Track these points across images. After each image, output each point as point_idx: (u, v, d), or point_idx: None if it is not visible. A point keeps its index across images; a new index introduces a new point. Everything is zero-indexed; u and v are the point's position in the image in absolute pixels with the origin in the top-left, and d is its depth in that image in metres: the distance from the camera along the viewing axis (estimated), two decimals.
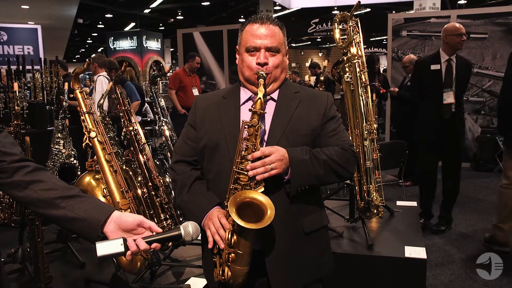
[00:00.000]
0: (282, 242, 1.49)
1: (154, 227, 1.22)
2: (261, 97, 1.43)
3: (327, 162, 1.47)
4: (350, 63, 2.40)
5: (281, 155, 1.40)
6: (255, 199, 1.38)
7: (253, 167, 1.38)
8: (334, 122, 1.59)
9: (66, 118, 3.65)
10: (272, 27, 1.53)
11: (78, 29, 16.96)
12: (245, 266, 1.42)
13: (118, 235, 1.18)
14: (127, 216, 1.22)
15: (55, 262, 2.93)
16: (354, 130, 2.44)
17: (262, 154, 1.39)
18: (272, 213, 1.33)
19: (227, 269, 1.42)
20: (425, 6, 9.47)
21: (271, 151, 1.40)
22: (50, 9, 11.00)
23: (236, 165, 1.43)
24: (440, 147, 3.94)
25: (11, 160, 1.22)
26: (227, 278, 1.42)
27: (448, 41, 3.81)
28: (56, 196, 1.21)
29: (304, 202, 1.54)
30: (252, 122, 1.41)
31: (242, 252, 1.39)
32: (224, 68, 8.46)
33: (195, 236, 1.24)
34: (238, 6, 15.92)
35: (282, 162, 1.40)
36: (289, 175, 1.44)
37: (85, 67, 2.25)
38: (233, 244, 1.39)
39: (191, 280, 2.28)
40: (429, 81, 3.87)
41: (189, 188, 1.57)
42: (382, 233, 2.73)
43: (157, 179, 2.42)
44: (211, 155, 1.56)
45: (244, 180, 1.41)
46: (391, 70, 7.25)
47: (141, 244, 1.16)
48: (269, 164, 1.38)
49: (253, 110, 1.42)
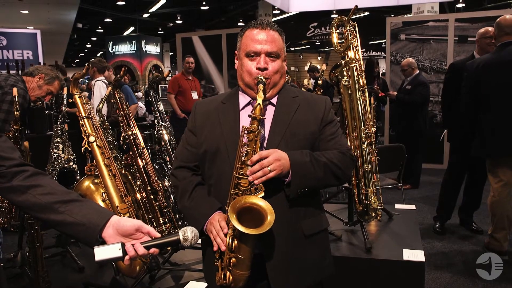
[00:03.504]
0: (283, 245, 1.50)
1: (152, 232, 1.22)
2: (260, 103, 1.44)
3: (327, 165, 1.49)
4: (347, 67, 2.41)
5: (278, 156, 1.42)
6: (255, 204, 1.39)
7: (252, 171, 1.39)
8: (332, 127, 1.61)
9: (65, 123, 3.66)
10: (272, 33, 1.55)
11: (77, 33, 16.98)
12: (246, 271, 1.43)
13: (117, 239, 1.19)
14: (126, 221, 1.22)
15: (54, 266, 2.93)
16: (352, 133, 2.45)
17: (260, 156, 1.40)
18: (272, 219, 1.34)
19: (228, 273, 1.43)
20: (423, 10, 9.50)
21: (269, 152, 1.41)
22: (50, 13, 11.02)
23: (236, 170, 1.44)
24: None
25: (10, 165, 1.23)
26: (228, 282, 1.43)
27: (480, 44, 3.93)
28: (55, 201, 1.21)
29: (304, 205, 1.55)
30: (252, 128, 1.42)
31: (242, 257, 1.40)
32: (223, 72, 8.47)
33: (194, 242, 1.25)
34: (237, 10, 15.97)
35: (280, 163, 1.41)
36: (289, 177, 1.45)
37: (84, 72, 2.26)
38: (233, 249, 1.40)
39: (190, 284, 2.28)
40: None
41: (190, 194, 1.59)
42: (381, 236, 2.73)
43: (156, 183, 2.43)
44: (211, 160, 1.57)
45: (245, 185, 1.42)
46: (389, 73, 7.27)
47: (139, 249, 1.17)
48: (267, 165, 1.39)
49: (252, 116, 1.43)
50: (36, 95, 3.13)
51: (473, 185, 4.07)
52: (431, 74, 6.91)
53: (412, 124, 5.50)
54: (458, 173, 4.04)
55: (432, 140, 6.32)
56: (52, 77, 3.15)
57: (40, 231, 2.51)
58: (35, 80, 3.10)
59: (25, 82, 3.04)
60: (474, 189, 4.07)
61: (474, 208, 4.15)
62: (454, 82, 3.94)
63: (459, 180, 4.06)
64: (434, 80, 6.83)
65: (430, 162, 6.54)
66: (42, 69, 3.18)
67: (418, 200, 5.21)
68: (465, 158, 3.91)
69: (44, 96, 3.18)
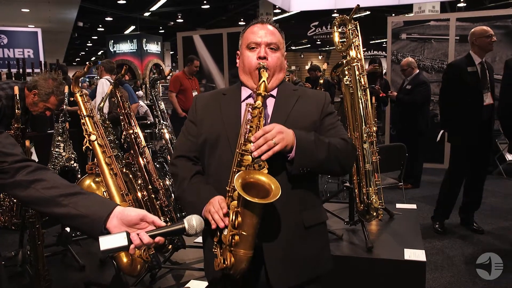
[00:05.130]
0: (283, 235, 1.49)
1: (157, 221, 1.21)
2: (265, 80, 1.45)
3: (330, 146, 1.47)
4: (349, 66, 2.41)
5: (280, 128, 1.40)
6: (260, 180, 1.37)
7: (257, 146, 1.37)
8: (332, 118, 1.62)
9: (66, 121, 3.66)
10: (271, 28, 1.61)
11: (78, 32, 16.99)
12: (249, 250, 1.38)
13: (122, 230, 1.17)
14: (130, 210, 1.22)
15: (55, 265, 2.93)
16: (353, 133, 2.45)
17: (263, 132, 1.38)
18: (278, 191, 1.31)
19: (230, 254, 1.38)
20: (424, 9, 9.49)
21: (272, 126, 1.40)
22: (50, 12, 11.03)
23: (239, 147, 1.42)
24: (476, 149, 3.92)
25: (12, 161, 1.23)
26: (229, 264, 1.38)
27: (479, 44, 3.89)
28: (58, 194, 1.22)
29: (304, 195, 1.55)
30: (256, 104, 1.42)
31: (246, 234, 1.36)
32: (224, 71, 8.47)
33: (199, 230, 1.23)
34: (238, 9, 15.97)
35: (284, 135, 1.39)
36: (293, 153, 1.42)
37: (85, 71, 2.25)
38: (237, 225, 1.36)
39: (191, 283, 2.28)
40: (469, 84, 3.88)
41: (189, 180, 1.58)
42: (382, 236, 2.73)
43: (157, 182, 2.43)
44: (212, 148, 1.57)
45: (248, 162, 1.40)
46: (390, 73, 7.26)
47: (144, 237, 1.15)
48: (271, 139, 1.37)
49: (257, 92, 1.44)
50: (35, 111, 3.00)
51: (473, 185, 4.07)
52: (432, 74, 6.90)
53: (413, 123, 5.50)
54: (459, 173, 4.04)
55: (433, 140, 6.32)
56: (47, 93, 2.92)
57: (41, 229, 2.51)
58: (31, 96, 2.93)
59: (24, 91, 2.91)
60: (474, 189, 4.07)
61: (475, 208, 4.15)
62: (453, 82, 3.95)
63: (459, 180, 4.06)
64: (435, 80, 6.82)
65: (431, 161, 6.53)
66: (38, 82, 2.94)
67: (418, 199, 5.20)
68: (466, 158, 3.91)
69: (44, 112, 3.02)
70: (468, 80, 3.87)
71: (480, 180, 4.06)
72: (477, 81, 3.88)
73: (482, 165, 4.05)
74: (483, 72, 3.92)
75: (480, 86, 3.89)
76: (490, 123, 3.98)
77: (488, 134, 3.99)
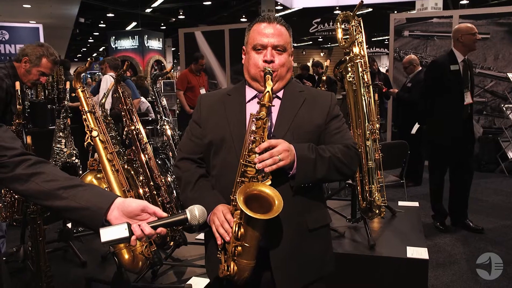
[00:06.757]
0: (287, 238, 1.49)
1: (158, 212, 1.20)
2: (269, 90, 1.44)
3: (331, 160, 1.48)
4: (352, 63, 2.39)
5: (287, 146, 1.41)
6: (263, 192, 1.38)
7: (261, 159, 1.38)
8: (338, 121, 1.61)
9: (67, 117, 3.65)
10: (279, 27, 1.57)
11: (79, 28, 16.98)
12: (252, 260, 1.41)
13: (123, 221, 1.16)
14: (131, 201, 1.21)
15: (56, 261, 2.93)
16: (356, 130, 2.44)
17: (269, 144, 1.39)
18: (280, 205, 1.33)
19: (233, 263, 1.40)
20: (427, 6, 9.45)
21: (278, 142, 1.41)
22: (52, 8, 11.01)
23: (243, 158, 1.43)
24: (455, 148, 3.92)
25: (12, 154, 1.22)
26: (232, 273, 1.40)
27: (464, 41, 3.83)
28: (58, 187, 1.21)
29: (308, 198, 1.55)
30: (260, 115, 1.42)
31: (249, 245, 1.38)
32: (225, 67, 8.45)
33: (202, 220, 1.21)
34: (240, 5, 15.93)
35: (289, 153, 1.41)
36: (294, 169, 1.44)
37: (87, 66, 2.24)
38: (240, 237, 1.37)
39: (192, 279, 2.28)
40: (450, 82, 3.84)
41: (193, 185, 1.57)
42: (384, 234, 2.72)
43: (159, 179, 2.42)
44: (216, 150, 1.56)
45: (251, 173, 1.41)
46: (393, 70, 7.23)
47: (145, 228, 1.14)
48: (276, 155, 1.38)
49: (261, 103, 1.43)
50: (30, 79, 2.91)
51: (458, 186, 4.05)
52: None
53: (413, 121, 5.47)
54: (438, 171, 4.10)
55: None
56: (38, 57, 2.86)
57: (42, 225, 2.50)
58: (22, 65, 2.86)
59: (15, 68, 2.86)
60: (460, 189, 4.05)
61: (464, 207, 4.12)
62: (435, 80, 3.91)
63: (439, 176, 4.10)
64: None
65: None
66: (26, 50, 2.88)
67: (420, 197, 5.18)
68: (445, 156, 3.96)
69: (38, 79, 2.94)
70: (450, 78, 3.83)
71: (463, 181, 4.03)
72: (459, 80, 3.84)
73: (463, 164, 4.00)
74: (465, 71, 3.86)
75: (462, 85, 3.84)
76: (469, 122, 3.93)
77: (468, 133, 3.94)
